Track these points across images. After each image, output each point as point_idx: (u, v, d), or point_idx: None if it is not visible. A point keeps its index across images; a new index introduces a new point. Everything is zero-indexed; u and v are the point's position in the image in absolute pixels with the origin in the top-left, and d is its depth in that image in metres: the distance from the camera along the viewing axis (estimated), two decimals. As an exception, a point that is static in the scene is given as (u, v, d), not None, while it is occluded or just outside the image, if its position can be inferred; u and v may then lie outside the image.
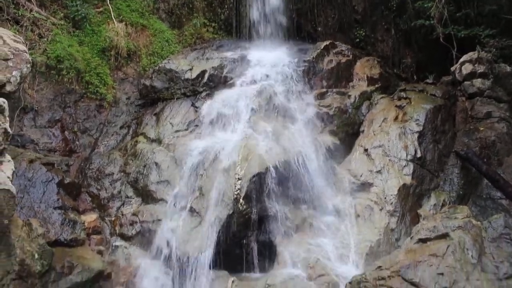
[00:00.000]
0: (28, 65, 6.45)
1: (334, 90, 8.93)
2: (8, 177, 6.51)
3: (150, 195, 7.26)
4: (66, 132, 8.14)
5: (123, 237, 6.86)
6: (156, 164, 7.54)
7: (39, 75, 8.16)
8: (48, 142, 7.91)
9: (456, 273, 5.84)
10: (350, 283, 6.07)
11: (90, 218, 7.01)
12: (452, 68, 9.04)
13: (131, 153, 7.86)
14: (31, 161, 7.01)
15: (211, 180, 7.08)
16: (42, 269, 5.69)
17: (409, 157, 8.04)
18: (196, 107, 8.33)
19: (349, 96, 8.90)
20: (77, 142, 8.15)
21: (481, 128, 8.41)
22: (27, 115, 7.95)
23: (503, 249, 6.05)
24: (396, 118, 8.53)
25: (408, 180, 7.94)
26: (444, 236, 6.41)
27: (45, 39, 8.43)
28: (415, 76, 10.24)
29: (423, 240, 6.48)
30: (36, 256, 5.70)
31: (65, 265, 5.96)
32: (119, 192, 7.39)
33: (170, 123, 8.20)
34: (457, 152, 8.25)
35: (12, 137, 6.71)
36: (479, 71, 8.74)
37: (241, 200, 6.85)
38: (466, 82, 8.83)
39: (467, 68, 8.84)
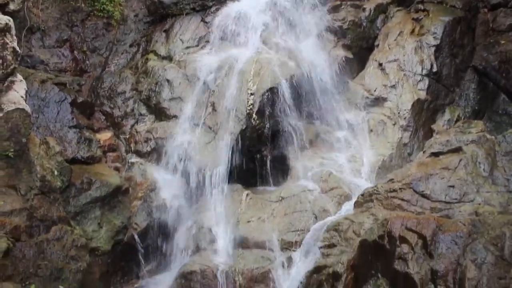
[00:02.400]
0: (31, -18, 6.25)
1: (348, 3, 8.57)
2: (22, 97, 6.55)
3: (163, 112, 7.28)
4: (75, 52, 8.07)
5: (138, 153, 6.98)
6: (168, 81, 7.48)
7: (43, -7, 7.94)
8: (58, 62, 7.88)
9: (467, 185, 5.91)
10: (362, 195, 6.20)
11: (105, 136, 7.11)
12: (475, -24, 8.58)
13: (142, 71, 7.78)
14: (43, 82, 6.99)
15: (223, 95, 7.06)
16: (62, 185, 5.87)
17: (424, 72, 7.89)
18: (206, 22, 8.10)
19: (364, 9, 8.56)
20: (87, 62, 8.10)
21: (502, 42, 8.12)
22: (35, 35, 7.85)
23: (515, 162, 6.08)
24: (412, 32, 8.26)
25: (422, 95, 7.87)
26: (457, 150, 6.43)
27: (46, -46, 8.08)
28: (434, -13, 9.75)
29: (435, 154, 6.52)
30: (56, 172, 5.85)
31: (84, 181, 6.12)
32: (132, 110, 7.42)
33: (180, 40, 8.03)
34: (475, 67, 8.06)
35: (22, 58, 6.69)
36: (504, -22, 8.29)
37: (254, 115, 6.87)
38: (490, -9, 8.42)
39: (491, -25, 8.38)
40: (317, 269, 5.56)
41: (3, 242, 4.54)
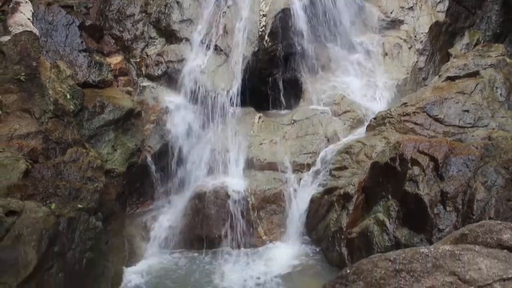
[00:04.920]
0: None
1: None
2: (29, 19, 6.44)
3: (174, 34, 7.10)
4: (80, -28, 7.75)
5: (150, 77, 6.91)
6: (178, 2, 7.20)
7: None
8: (62, -17, 7.60)
9: (482, 110, 5.84)
10: (374, 118, 6.18)
11: (115, 60, 7.01)
12: None
13: (151, -8, 7.51)
14: (49, 4, 6.81)
15: (235, 17, 6.85)
16: (75, 108, 5.87)
17: (444, -8, 7.55)
18: None
19: None
20: (93, -17, 7.79)
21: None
22: (37, -47, 7.50)
23: (534, 86, 5.94)
24: (432, -52, 7.80)
25: (441, 17, 7.60)
26: (474, 74, 6.30)
27: None
28: None
29: (451, 78, 6.39)
30: (68, 96, 5.85)
31: (97, 105, 6.11)
32: (142, 33, 7.23)
33: (189, -41, 7.67)
34: (499, -13, 7.66)
35: (25, -22, 6.44)
36: None
37: (266, 37, 6.72)
38: None
39: None
40: (328, 191, 5.68)
41: (22, 164, 4.63)
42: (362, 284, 1.75)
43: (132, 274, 5.29)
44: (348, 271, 1.89)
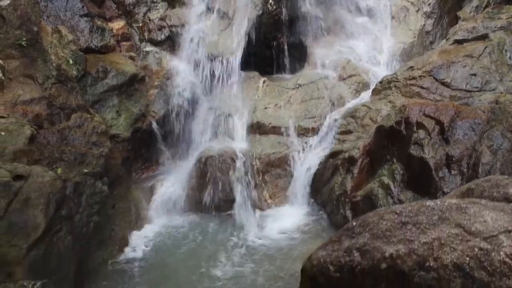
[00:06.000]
0: None
1: None
2: (28, -17, 6.33)
3: (176, -2, 7.01)
4: None
5: (153, 42, 6.83)
6: (179, -35, 7.09)
7: None
8: None
9: (490, 74, 5.76)
10: (380, 82, 6.12)
11: (117, 25, 6.91)
12: None
13: (151, -47, 7.35)
14: (49, -33, 6.67)
15: (238, -21, 6.73)
16: (78, 73, 5.85)
17: (454, -49, 7.34)
18: None
19: None
20: None
21: None
22: None
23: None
24: None
25: (450, -22, 7.41)
26: (483, 37, 6.19)
27: None
28: None
29: (459, 41, 6.29)
30: (71, 61, 5.81)
31: (100, 70, 6.08)
32: (144, -3, 7.13)
33: None
34: None
35: None
36: None
37: (270, 0, 6.62)
38: None
39: None
40: (333, 154, 5.68)
41: (27, 129, 4.64)
42: (368, 236, 1.76)
43: (138, 238, 5.36)
44: (354, 223, 1.91)
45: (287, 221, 5.51)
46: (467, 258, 1.61)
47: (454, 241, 1.64)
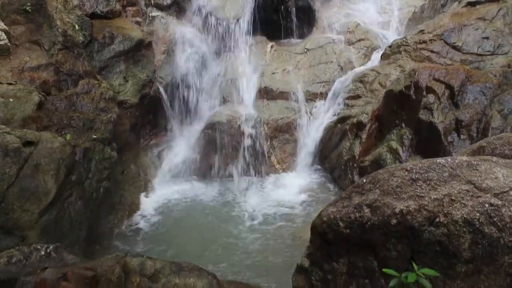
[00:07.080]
0: None
1: None
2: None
3: (182, -39, 6.84)
4: None
5: (159, 7, 6.70)
6: None
7: None
8: None
9: (503, 37, 5.65)
10: (390, 47, 6.02)
11: (123, -11, 6.81)
12: None
13: None
14: None
15: None
16: (84, 39, 5.78)
17: None
18: None
19: None
20: None
21: None
22: None
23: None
24: None
25: None
26: (496, -2, 6.03)
27: None
28: None
29: (472, 3, 6.15)
30: (77, 27, 5.74)
31: (106, 36, 6.00)
32: (149, -40, 6.96)
33: None
34: None
35: None
36: None
37: (278, -37, 6.46)
38: None
39: None
40: (342, 119, 5.66)
41: (35, 96, 4.64)
42: (378, 192, 1.76)
43: (148, 203, 5.41)
44: (365, 180, 1.91)
45: (294, 186, 5.54)
46: (477, 214, 1.61)
47: (465, 197, 1.64)
